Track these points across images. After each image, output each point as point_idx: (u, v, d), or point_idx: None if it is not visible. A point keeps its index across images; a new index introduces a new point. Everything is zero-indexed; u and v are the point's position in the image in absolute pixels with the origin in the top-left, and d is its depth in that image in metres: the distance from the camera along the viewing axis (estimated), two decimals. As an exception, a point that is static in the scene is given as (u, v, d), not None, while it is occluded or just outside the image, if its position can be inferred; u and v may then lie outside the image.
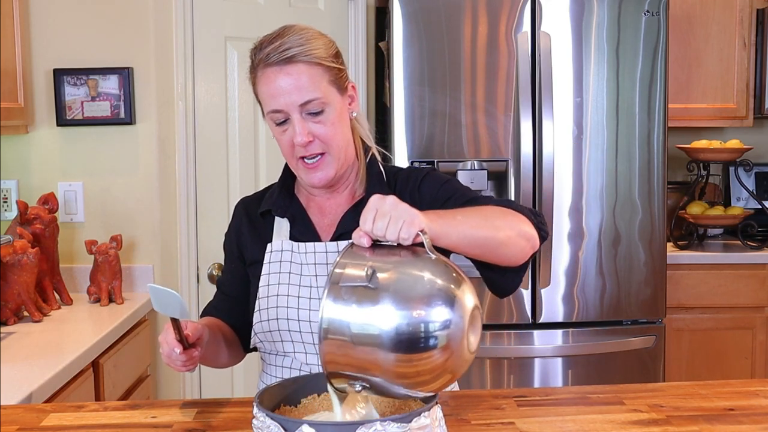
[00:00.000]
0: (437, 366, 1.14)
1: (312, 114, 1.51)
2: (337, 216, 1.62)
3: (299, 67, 1.49)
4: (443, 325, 1.13)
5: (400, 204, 1.23)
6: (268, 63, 1.50)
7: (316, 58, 1.51)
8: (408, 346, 1.11)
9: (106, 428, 1.42)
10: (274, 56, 1.49)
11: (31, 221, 2.57)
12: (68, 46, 2.78)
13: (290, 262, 1.60)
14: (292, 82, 1.49)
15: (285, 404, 1.31)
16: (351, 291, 1.13)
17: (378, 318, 1.11)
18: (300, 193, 1.67)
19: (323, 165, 1.55)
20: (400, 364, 1.12)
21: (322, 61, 1.52)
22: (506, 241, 1.41)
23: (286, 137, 1.53)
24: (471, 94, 3.04)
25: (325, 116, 1.52)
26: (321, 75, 1.51)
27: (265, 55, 1.51)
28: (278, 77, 1.49)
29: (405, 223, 1.20)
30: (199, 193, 2.90)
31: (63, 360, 2.02)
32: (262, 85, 1.53)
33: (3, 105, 2.50)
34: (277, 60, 1.49)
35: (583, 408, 1.49)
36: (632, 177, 3.12)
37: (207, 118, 2.90)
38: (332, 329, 1.13)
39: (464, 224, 1.36)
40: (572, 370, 3.14)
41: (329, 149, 1.54)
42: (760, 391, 1.55)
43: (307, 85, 1.49)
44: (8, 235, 2.43)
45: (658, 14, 3.08)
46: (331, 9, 3.23)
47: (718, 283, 3.42)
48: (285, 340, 1.58)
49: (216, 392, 2.90)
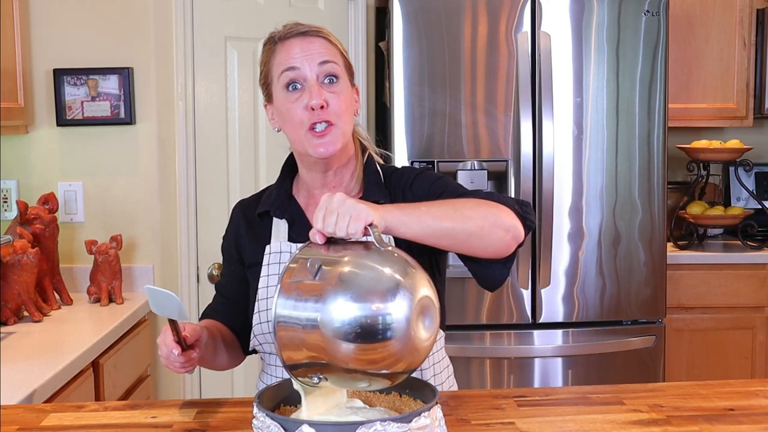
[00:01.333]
0: (386, 355, 1.16)
1: (328, 81, 1.54)
2: None
3: (319, 40, 1.57)
4: (385, 315, 1.14)
5: (348, 200, 1.26)
6: (288, 35, 1.56)
7: (334, 40, 1.59)
8: (352, 336, 1.13)
9: (106, 428, 1.42)
10: (294, 30, 1.56)
11: (31, 221, 2.57)
12: (68, 46, 2.78)
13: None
14: (311, 47, 1.55)
15: (285, 404, 1.31)
16: (298, 286, 1.17)
17: (323, 310, 1.14)
18: (298, 195, 1.67)
19: (330, 134, 1.55)
20: (348, 354, 1.14)
21: (338, 44, 1.59)
22: (477, 231, 1.40)
23: (299, 104, 1.54)
24: (471, 94, 3.04)
25: (339, 87, 1.56)
26: (338, 54, 1.58)
27: (285, 32, 1.57)
28: (297, 43, 1.56)
29: (351, 219, 1.24)
30: (199, 193, 2.90)
31: (63, 360, 2.02)
32: (280, 53, 1.57)
33: (3, 105, 2.50)
34: (298, 32, 1.56)
35: (583, 408, 1.49)
36: (632, 177, 3.12)
37: (207, 118, 2.90)
38: (282, 323, 1.17)
39: (427, 215, 1.37)
40: (572, 370, 3.14)
41: (338, 121, 1.55)
42: (760, 391, 1.55)
43: (326, 51, 1.56)
44: (8, 235, 2.43)
45: (658, 14, 3.08)
46: (331, 9, 3.23)
47: (718, 283, 3.42)
48: None
49: (216, 392, 2.90)
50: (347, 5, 3.28)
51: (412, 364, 1.20)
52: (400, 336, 1.15)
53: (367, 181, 1.63)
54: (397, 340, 1.15)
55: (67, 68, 2.77)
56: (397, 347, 1.15)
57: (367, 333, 1.13)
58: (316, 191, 1.64)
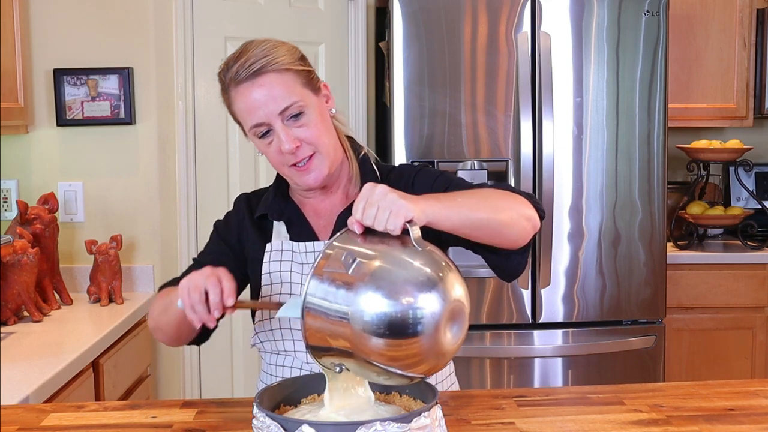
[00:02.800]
0: (411, 354, 1.16)
1: (293, 119, 1.52)
2: (332, 216, 1.63)
3: (270, 77, 1.51)
4: (416, 310, 1.14)
5: (390, 194, 1.24)
6: (239, 80, 1.52)
7: (283, 65, 1.52)
8: (380, 330, 1.14)
9: (106, 428, 1.42)
10: (243, 72, 1.51)
11: (31, 221, 2.57)
12: (68, 46, 2.78)
13: (291, 261, 1.60)
14: (266, 93, 1.50)
15: (285, 404, 1.31)
16: (332, 274, 1.18)
17: (354, 304, 1.14)
18: (295, 196, 1.68)
19: (315, 165, 1.55)
20: (372, 347, 1.15)
21: (290, 66, 1.53)
22: (509, 221, 1.41)
23: (272, 148, 1.54)
24: (471, 94, 3.04)
25: (307, 118, 1.53)
26: (292, 80, 1.52)
27: (234, 74, 1.52)
28: (252, 91, 1.51)
29: (392, 214, 1.22)
30: (199, 193, 2.90)
31: (63, 360, 2.02)
32: (238, 103, 1.54)
33: (3, 105, 2.50)
34: (246, 75, 1.51)
35: (583, 408, 1.49)
36: (632, 177, 3.12)
37: (207, 118, 2.90)
38: (312, 307, 1.18)
39: (465, 206, 1.36)
40: (572, 370, 3.14)
41: (318, 148, 1.54)
42: (760, 391, 1.55)
43: (282, 92, 1.51)
44: (8, 235, 2.43)
45: (658, 14, 3.08)
46: (331, 9, 3.23)
47: (718, 283, 3.42)
48: (286, 339, 1.58)
49: (216, 392, 2.90)
50: (347, 5, 3.28)
51: (435, 368, 1.21)
52: (428, 335, 1.15)
53: (365, 181, 1.62)
54: (425, 339, 1.15)
55: (67, 68, 2.77)
56: (423, 347, 1.16)
57: (396, 328, 1.14)
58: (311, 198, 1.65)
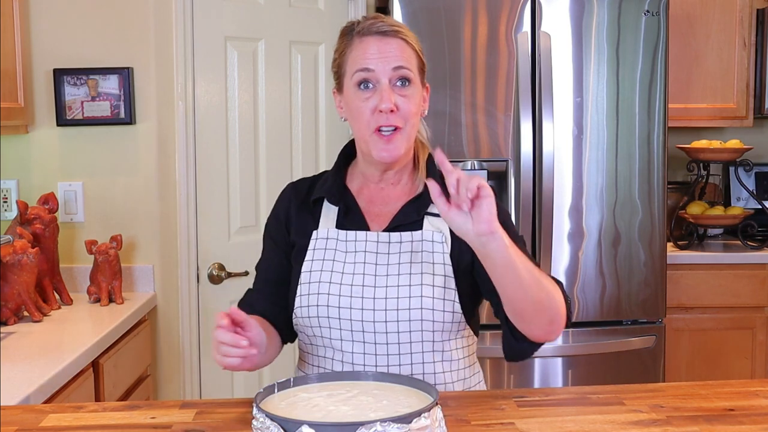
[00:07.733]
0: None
1: (400, 84, 1.56)
2: (390, 207, 1.64)
3: (397, 41, 1.57)
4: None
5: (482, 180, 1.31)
6: (368, 32, 1.57)
7: (411, 41, 1.59)
8: None
9: (105, 429, 1.42)
10: (374, 28, 1.57)
11: (31, 221, 2.57)
12: (68, 46, 2.78)
13: (335, 250, 1.61)
14: (389, 50, 1.56)
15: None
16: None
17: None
18: (351, 184, 1.68)
19: (396, 139, 1.56)
20: None
21: (415, 45, 1.60)
22: (538, 305, 1.43)
23: (368, 104, 1.55)
24: (471, 94, 3.04)
25: (410, 91, 1.57)
26: (413, 56, 1.59)
27: (366, 27, 1.58)
28: (375, 44, 1.56)
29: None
30: (199, 193, 2.90)
31: (63, 360, 2.02)
32: (356, 49, 1.58)
33: (3, 105, 2.50)
34: (377, 31, 1.57)
35: (583, 408, 1.48)
36: (632, 177, 3.12)
37: (207, 118, 2.90)
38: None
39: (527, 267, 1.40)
40: (572, 370, 3.14)
41: (406, 125, 1.56)
42: (760, 391, 1.55)
43: (401, 55, 1.56)
44: (8, 235, 2.43)
45: (658, 14, 3.08)
46: (331, 9, 3.23)
47: (718, 283, 3.42)
48: (323, 327, 1.58)
49: (216, 392, 2.90)
50: (347, 5, 3.28)
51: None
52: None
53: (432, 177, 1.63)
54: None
55: (67, 68, 2.77)
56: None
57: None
58: (372, 185, 1.66)
